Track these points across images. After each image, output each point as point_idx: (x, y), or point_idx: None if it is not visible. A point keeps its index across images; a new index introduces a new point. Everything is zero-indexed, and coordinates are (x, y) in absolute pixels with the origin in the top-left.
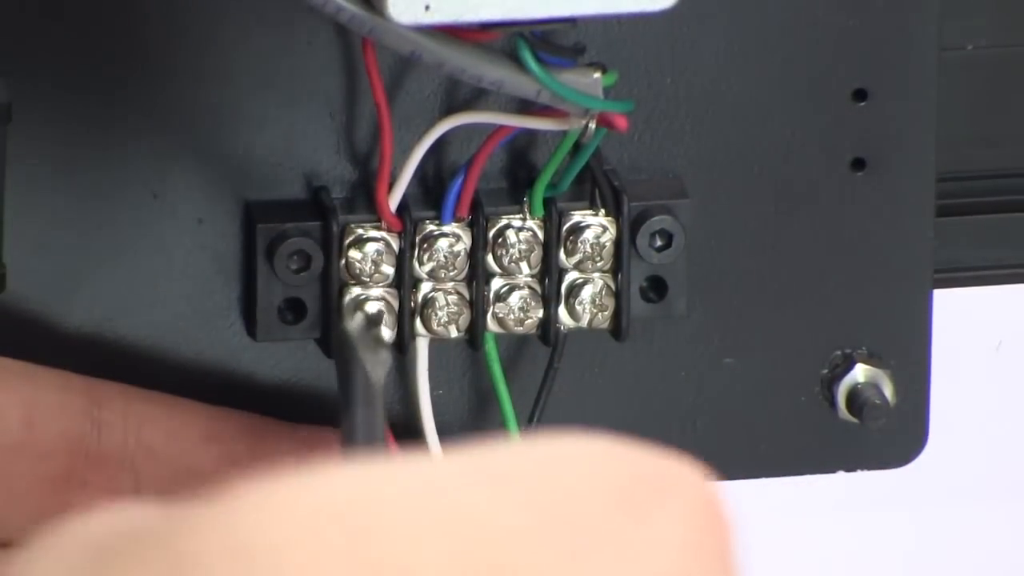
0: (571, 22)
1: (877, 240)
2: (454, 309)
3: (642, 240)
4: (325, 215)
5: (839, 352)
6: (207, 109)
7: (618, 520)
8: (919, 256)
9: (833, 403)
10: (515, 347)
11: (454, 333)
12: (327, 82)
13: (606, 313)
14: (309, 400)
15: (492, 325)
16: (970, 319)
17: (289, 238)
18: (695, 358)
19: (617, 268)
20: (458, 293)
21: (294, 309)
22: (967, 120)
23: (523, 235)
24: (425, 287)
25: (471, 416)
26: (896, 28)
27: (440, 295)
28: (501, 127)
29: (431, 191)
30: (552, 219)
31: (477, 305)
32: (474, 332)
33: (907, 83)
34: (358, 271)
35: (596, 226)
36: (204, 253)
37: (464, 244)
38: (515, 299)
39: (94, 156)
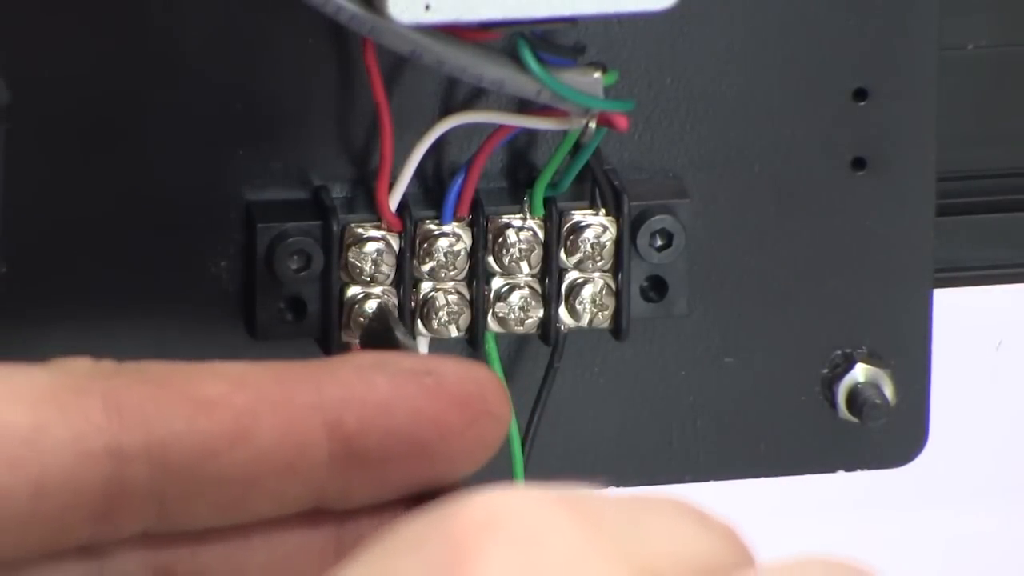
0: (571, 22)
1: (877, 240)
2: (454, 309)
3: (642, 240)
4: (325, 215)
5: (839, 352)
6: (207, 108)
7: None
8: (919, 256)
9: (833, 403)
10: (515, 347)
11: (454, 333)
12: (327, 82)
13: (606, 313)
14: None
15: (492, 325)
16: (970, 319)
17: (289, 238)
18: (695, 358)
19: (617, 268)
20: (458, 293)
21: (294, 309)
22: (967, 120)
23: (523, 235)
24: (425, 287)
25: None
26: (896, 28)
27: (440, 295)
28: (501, 127)
29: (431, 191)
30: (552, 219)
31: (477, 305)
32: (474, 332)
33: (907, 83)
34: (358, 271)
35: (596, 226)
36: (204, 253)
37: (464, 244)
38: (515, 298)
39: (93, 156)
